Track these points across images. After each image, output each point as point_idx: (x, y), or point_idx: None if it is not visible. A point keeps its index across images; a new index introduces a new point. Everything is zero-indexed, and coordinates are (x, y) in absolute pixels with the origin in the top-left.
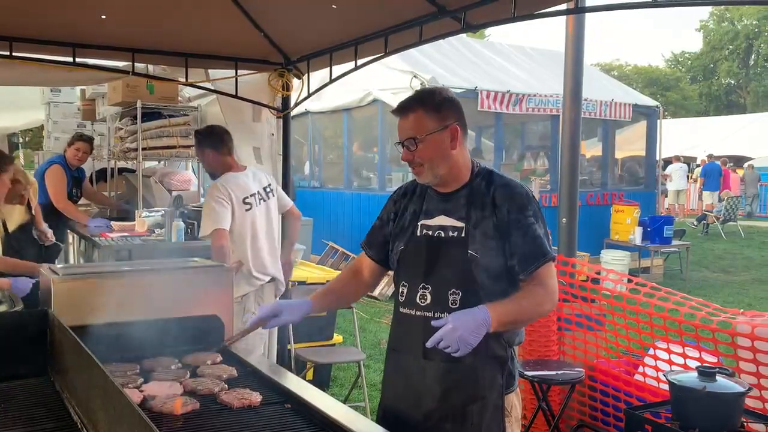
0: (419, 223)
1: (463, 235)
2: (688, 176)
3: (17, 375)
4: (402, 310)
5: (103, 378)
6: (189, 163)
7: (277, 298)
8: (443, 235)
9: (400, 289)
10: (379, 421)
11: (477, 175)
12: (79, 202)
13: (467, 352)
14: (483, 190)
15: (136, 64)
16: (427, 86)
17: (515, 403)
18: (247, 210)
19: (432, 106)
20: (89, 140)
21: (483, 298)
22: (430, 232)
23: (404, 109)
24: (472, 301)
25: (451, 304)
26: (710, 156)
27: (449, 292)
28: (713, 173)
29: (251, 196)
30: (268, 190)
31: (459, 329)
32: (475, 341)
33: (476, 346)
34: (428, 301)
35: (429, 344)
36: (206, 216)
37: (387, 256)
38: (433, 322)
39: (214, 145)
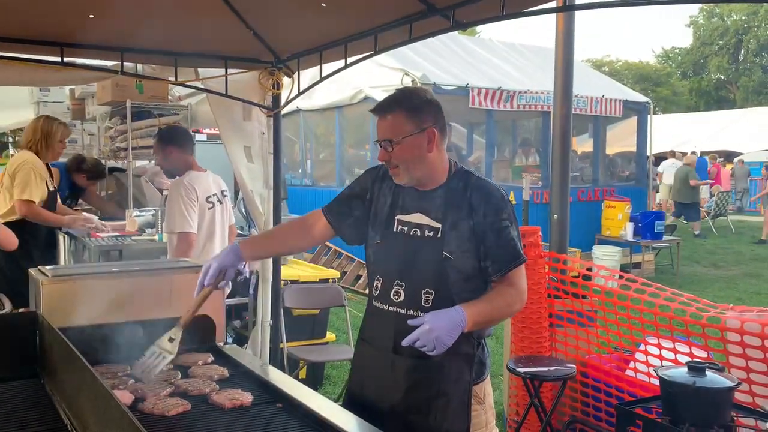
0: (396, 218)
1: (439, 235)
2: None
3: (6, 377)
4: (375, 303)
5: (93, 380)
6: None
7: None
8: (419, 234)
9: (375, 283)
10: (345, 407)
11: (454, 175)
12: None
13: (443, 351)
14: (460, 191)
15: (125, 64)
16: (418, 84)
17: (488, 390)
18: (209, 209)
19: (410, 108)
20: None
21: (455, 298)
22: (406, 229)
23: (383, 109)
24: (445, 300)
25: (424, 303)
26: (692, 153)
27: (423, 291)
28: (700, 168)
29: (212, 195)
30: (225, 194)
31: (436, 330)
32: (450, 341)
33: None
34: (402, 298)
35: (405, 343)
36: (175, 214)
37: (342, 226)
38: (410, 321)
39: (178, 143)
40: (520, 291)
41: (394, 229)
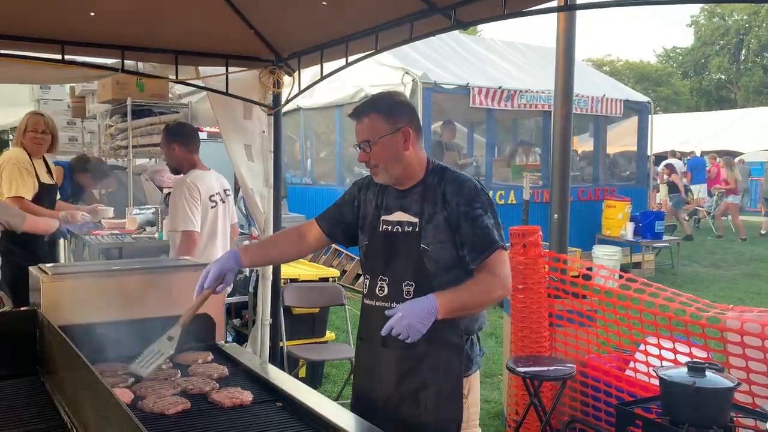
0: (381, 219)
1: (417, 229)
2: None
3: (6, 375)
4: (365, 301)
5: (92, 378)
6: None
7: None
8: (400, 230)
9: (364, 282)
10: (353, 406)
11: (431, 172)
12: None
13: (417, 338)
14: (435, 185)
15: (125, 62)
16: (419, 83)
17: (473, 385)
18: (211, 207)
19: (385, 110)
20: None
21: (436, 289)
22: (389, 227)
23: (359, 113)
24: (425, 291)
25: (405, 294)
26: (687, 153)
27: (404, 284)
28: (698, 167)
29: (215, 194)
30: (228, 193)
31: (407, 317)
32: (423, 328)
33: (430, 335)
34: (385, 292)
35: (383, 332)
36: (178, 213)
37: (334, 231)
38: (386, 312)
39: (184, 141)
40: (500, 277)
41: (380, 230)
